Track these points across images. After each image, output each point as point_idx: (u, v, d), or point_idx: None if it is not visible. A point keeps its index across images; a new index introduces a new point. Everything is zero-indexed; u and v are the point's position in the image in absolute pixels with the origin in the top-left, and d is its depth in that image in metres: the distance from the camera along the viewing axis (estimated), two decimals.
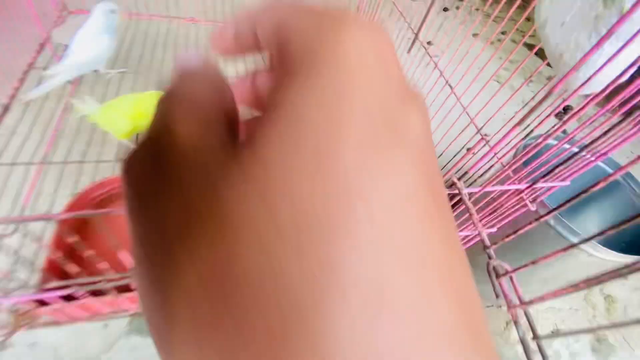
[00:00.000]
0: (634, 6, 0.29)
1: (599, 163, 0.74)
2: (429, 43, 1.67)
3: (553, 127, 0.45)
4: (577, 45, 0.38)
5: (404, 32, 0.85)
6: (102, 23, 0.68)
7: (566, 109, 1.53)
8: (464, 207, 0.46)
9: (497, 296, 0.35)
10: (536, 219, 0.43)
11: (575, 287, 0.31)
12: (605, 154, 0.46)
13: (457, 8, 2.12)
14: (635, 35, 0.30)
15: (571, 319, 0.88)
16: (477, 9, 2.22)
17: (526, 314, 0.35)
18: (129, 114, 0.62)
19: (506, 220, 0.57)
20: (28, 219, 0.30)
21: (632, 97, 0.38)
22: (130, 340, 0.65)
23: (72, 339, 0.63)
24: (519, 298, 0.34)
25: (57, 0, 0.89)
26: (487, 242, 0.40)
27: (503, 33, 2.11)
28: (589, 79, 0.35)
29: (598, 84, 0.37)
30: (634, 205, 0.67)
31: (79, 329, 0.64)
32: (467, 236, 0.62)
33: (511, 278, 0.36)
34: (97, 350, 0.63)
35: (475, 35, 1.84)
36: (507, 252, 0.42)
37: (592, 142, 0.40)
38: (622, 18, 0.30)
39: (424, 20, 0.77)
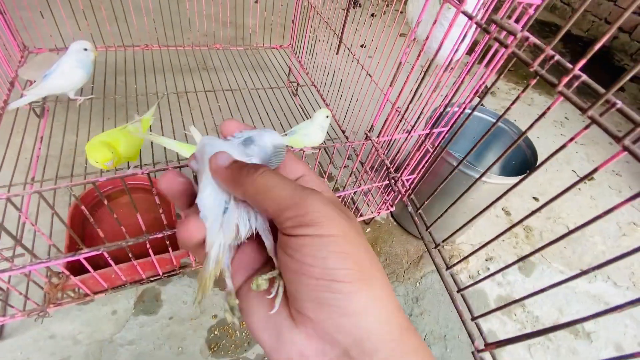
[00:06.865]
0: (441, 7, 0.47)
1: (488, 118, 0.96)
2: (362, 46, 1.89)
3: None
4: (433, 34, 0.57)
5: (332, 36, 1.03)
6: (77, 59, 0.78)
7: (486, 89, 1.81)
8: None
9: (416, 225, 0.52)
10: (453, 169, 0.59)
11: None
12: (466, 106, 0.65)
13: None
14: (452, 21, 0.49)
15: (499, 247, 1.10)
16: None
17: (430, 234, 0.53)
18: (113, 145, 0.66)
19: (421, 167, 0.76)
20: (77, 183, 0.42)
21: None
22: (138, 319, 0.75)
23: (86, 326, 0.72)
24: (425, 224, 0.52)
25: (18, 43, 0.98)
26: (392, 171, 0.57)
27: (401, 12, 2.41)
28: (437, 51, 0.54)
29: (443, 56, 0.56)
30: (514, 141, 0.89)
31: (91, 318, 0.73)
32: (388, 184, 0.80)
33: (420, 215, 0.54)
34: (110, 331, 0.72)
35: (372, 15, 2.09)
36: (434, 197, 0.57)
37: (453, 95, 0.59)
38: (438, 13, 0.48)
39: (343, 27, 0.96)
